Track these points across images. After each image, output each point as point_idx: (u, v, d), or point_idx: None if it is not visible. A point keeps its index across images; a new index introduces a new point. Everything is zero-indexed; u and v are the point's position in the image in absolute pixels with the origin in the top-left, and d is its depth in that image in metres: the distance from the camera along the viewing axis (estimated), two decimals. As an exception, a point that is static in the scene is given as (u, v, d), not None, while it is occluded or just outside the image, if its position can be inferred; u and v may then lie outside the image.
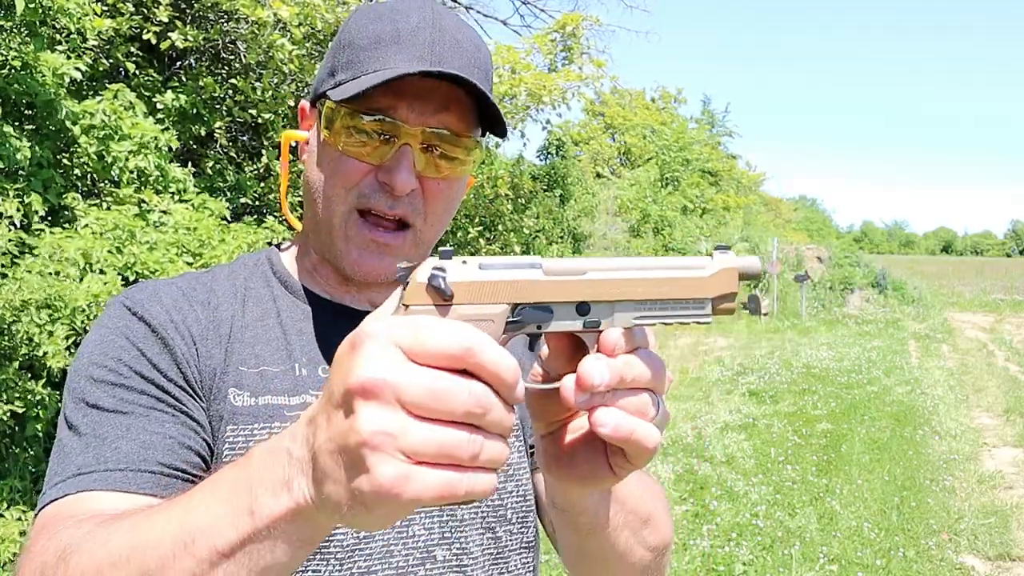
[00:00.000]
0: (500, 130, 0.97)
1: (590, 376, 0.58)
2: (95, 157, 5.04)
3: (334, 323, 0.97)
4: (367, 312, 0.95)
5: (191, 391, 0.89)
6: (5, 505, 4.19)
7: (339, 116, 0.91)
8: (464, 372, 0.52)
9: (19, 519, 4.15)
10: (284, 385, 0.92)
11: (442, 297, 0.57)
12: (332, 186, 0.93)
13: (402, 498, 0.50)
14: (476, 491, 0.52)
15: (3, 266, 4.12)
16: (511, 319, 0.59)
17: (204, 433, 0.88)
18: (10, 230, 4.34)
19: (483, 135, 0.99)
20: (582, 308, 0.61)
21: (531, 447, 1.07)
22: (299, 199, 6.70)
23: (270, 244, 5.96)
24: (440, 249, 0.59)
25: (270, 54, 6.21)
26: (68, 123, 4.86)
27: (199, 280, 0.99)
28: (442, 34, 0.91)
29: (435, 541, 0.94)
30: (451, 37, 0.92)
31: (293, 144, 1.06)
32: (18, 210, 4.38)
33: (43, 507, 0.80)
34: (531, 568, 1.04)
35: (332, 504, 0.53)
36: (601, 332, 0.61)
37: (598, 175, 22.63)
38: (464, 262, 0.59)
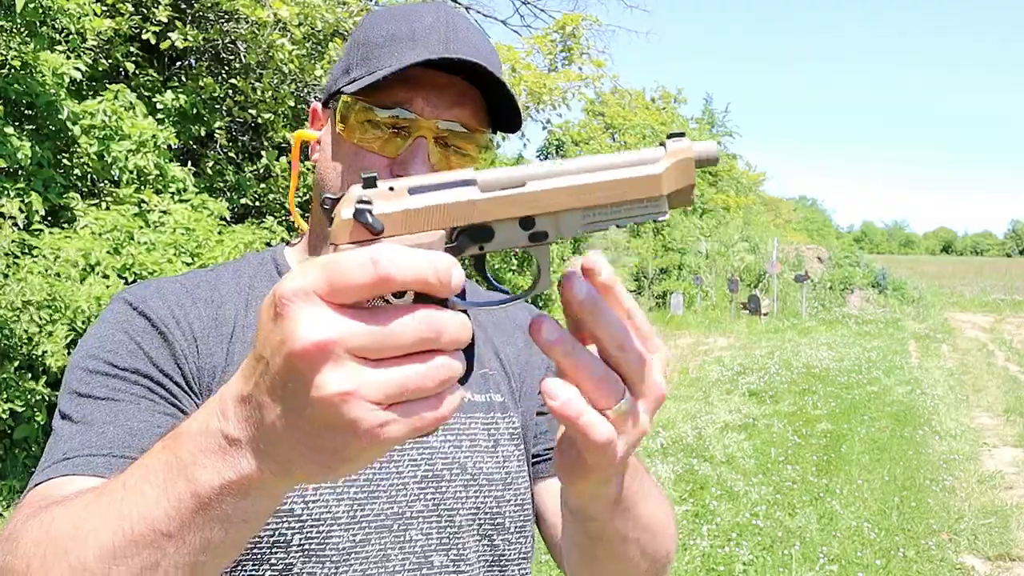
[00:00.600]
0: (512, 126, 0.97)
1: (573, 289, 0.55)
2: (95, 157, 5.04)
3: None
4: None
5: (186, 387, 0.89)
6: (5, 505, 4.18)
7: (354, 110, 0.92)
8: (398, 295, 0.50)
9: (19, 519, 4.15)
10: None
11: (371, 232, 0.52)
12: (348, 180, 0.93)
13: (383, 444, 0.49)
14: (447, 415, 0.51)
15: (6, 266, 4.12)
16: (449, 243, 0.55)
17: None
18: (13, 230, 4.34)
19: (494, 132, 0.99)
20: (526, 222, 0.56)
21: (535, 456, 1.07)
22: (303, 199, 6.71)
23: (268, 244, 5.98)
24: (363, 175, 0.53)
25: (270, 54, 6.21)
26: (68, 123, 4.87)
27: (203, 278, 0.99)
28: (456, 34, 0.93)
29: (432, 547, 0.94)
30: (464, 37, 0.93)
31: (302, 145, 1.06)
32: (20, 211, 4.39)
33: (30, 489, 0.80)
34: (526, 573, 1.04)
35: (303, 473, 0.52)
36: (548, 243, 0.57)
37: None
38: (391, 188, 0.53)
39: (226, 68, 6.77)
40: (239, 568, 0.88)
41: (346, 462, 0.51)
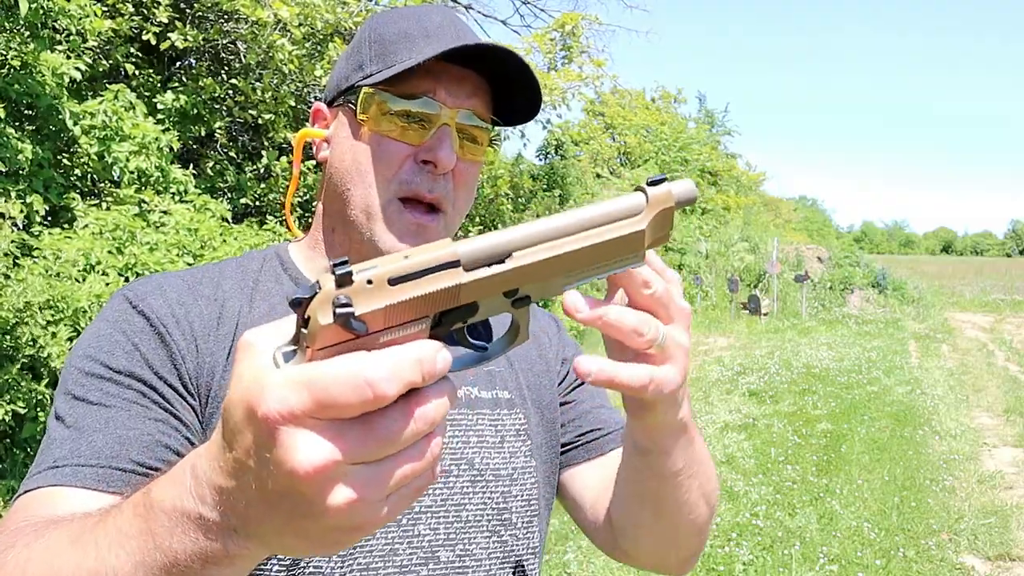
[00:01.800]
0: (523, 116, 1.01)
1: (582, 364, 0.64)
2: (95, 157, 5.04)
3: None
4: None
5: (184, 390, 0.88)
6: (3, 504, 4.19)
7: (375, 102, 0.94)
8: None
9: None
10: None
11: (355, 335, 0.49)
12: (375, 173, 0.95)
13: (381, 525, 0.51)
14: (436, 477, 0.53)
15: (6, 267, 4.12)
16: (434, 326, 0.53)
17: (188, 432, 0.86)
18: (13, 231, 4.34)
19: (504, 126, 1.04)
20: (510, 291, 0.55)
21: (564, 445, 1.11)
22: (302, 198, 6.70)
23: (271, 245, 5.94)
24: (336, 269, 0.49)
25: (270, 54, 6.21)
26: (69, 123, 4.87)
27: (206, 274, 0.98)
28: (466, 32, 0.97)
29: (440, 542, 0.95)
30: (473, 35, 0.98)
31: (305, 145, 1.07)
32: (21, 211, 4.39)
33: (19, 496, 0.80)
34: (534, 568, 1.05)
35: (290, 551, 0.53)
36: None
37: (598, 175, 22.63)
38: (369, 281, 0.49)
39: (226, 68, 6.78)
40: None
41: (343, 546, 0.52)
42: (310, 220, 1.43)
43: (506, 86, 0.98)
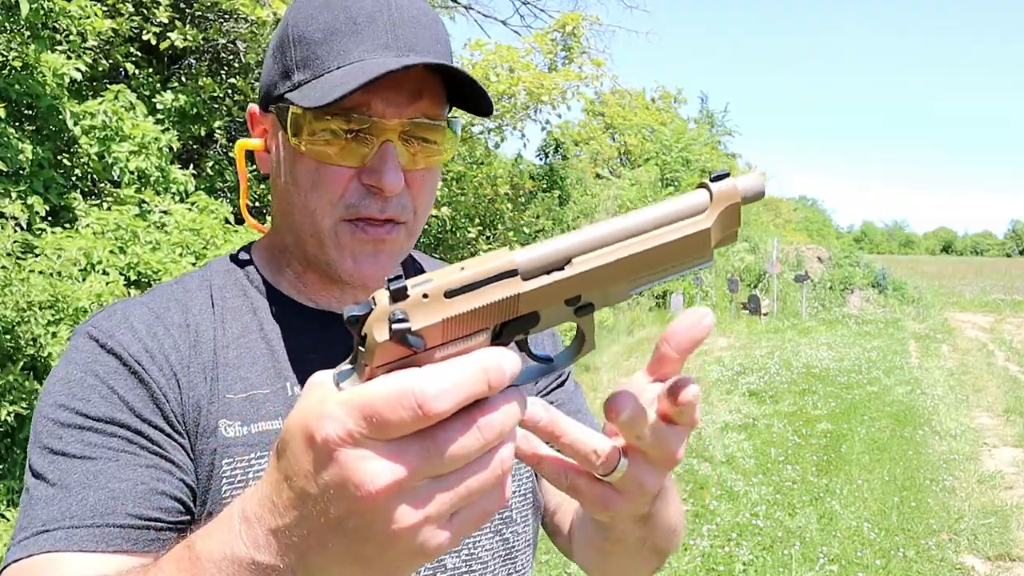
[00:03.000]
0: (480, 106, 0.88)
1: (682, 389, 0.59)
2: (96, 157, 5.04)
3: (320, 332, 0.91)
4: None
5: (170, 429, 0.82)
6: (5, 505, 4.19)
7: (307, 121, 0.83)
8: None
9: (20, 519, 4.15)
10: (275, 408, 0.86)
11: (413, 351, 0.48)
12: (316, 199, 0.85)
13: (450, 547, 0.51)
14: (508, 498, 0.53)
15: (5, 267, 4.12)
16: (496, 337, 0.51)
17: (181, 474, 0.81)
18: (16, 231, 4.35)
19: (449, 111, 0.92)
20: (572, 299, 0.53)
21: None
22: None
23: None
24: (391, 285, 0.48)
25: (270, 54, 6.21)
26: (69, 124, 4.87)
27: (171, 296, 0.90)
28: (400, 14, 0.84)
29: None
30: (409, 16, 0.85)
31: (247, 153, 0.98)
32: (22, 211, 4.39)
33: (7, 565, 0.74)
34: (530, 561, 1.05)
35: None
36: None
37: (598, 175, 22.63)
38: (425, 295, 0.48)
39: (225, 68, 6.78)
40: None
41: (405, 573, 0.50)
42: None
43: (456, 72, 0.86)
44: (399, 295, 0.47)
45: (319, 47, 0.83)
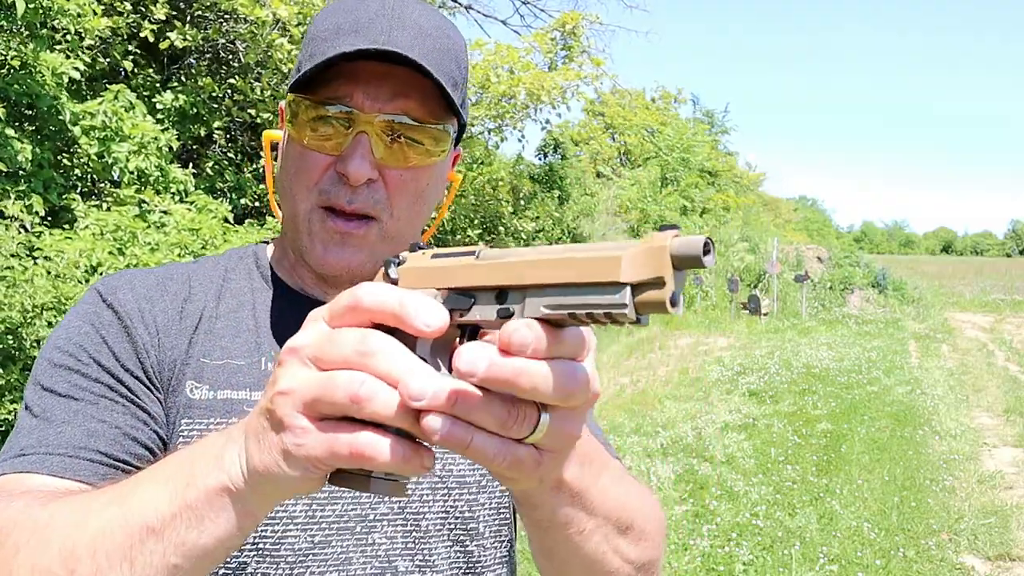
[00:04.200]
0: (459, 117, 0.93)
1: (460, 362, 0.49)
2: (95, 158, 5.04)
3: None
4: None
5: (149, 382, 0.88)
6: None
7: (301, 109, 0.88)
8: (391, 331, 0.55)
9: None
10: (247, 379, 0.91)
11: (390, 281, 0.61)
12: (297, 183, 0.91)
13: (301, 452, 0.55)
14: (363, 451, 0.53)
15: (12, 268, 4.12)
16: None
17: (155, 425, 0.87)
18: (19, 232, 4.35)
19: (462, 129, 0.96)
20: (501, 296, 0.55)
21: None
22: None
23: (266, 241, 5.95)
24: (412, 243, 0.62)
25: (269, 53, 6.21)
26: (69, 124, 4.87)
27: (180, 270, 0.98)
28: (401, 21, 0.87)
29: (397, 551, 0.91)
30: (413, 23, 0.88)
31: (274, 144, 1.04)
32: (21, 211, 4.39)
33: None
34: None
35: (256, 467, 0.58)
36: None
37: (598, 175, 22.64)
38: (423, 253, 0.61)
39: (225, 68, 6.77)
40: None
41: (285, 463, 0.56)
42: None
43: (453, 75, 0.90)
44: (413, 248, 0.63)
45: (323, 43, 0.88)
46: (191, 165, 6.00)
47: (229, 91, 6.62)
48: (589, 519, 0.71)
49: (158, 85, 6.27)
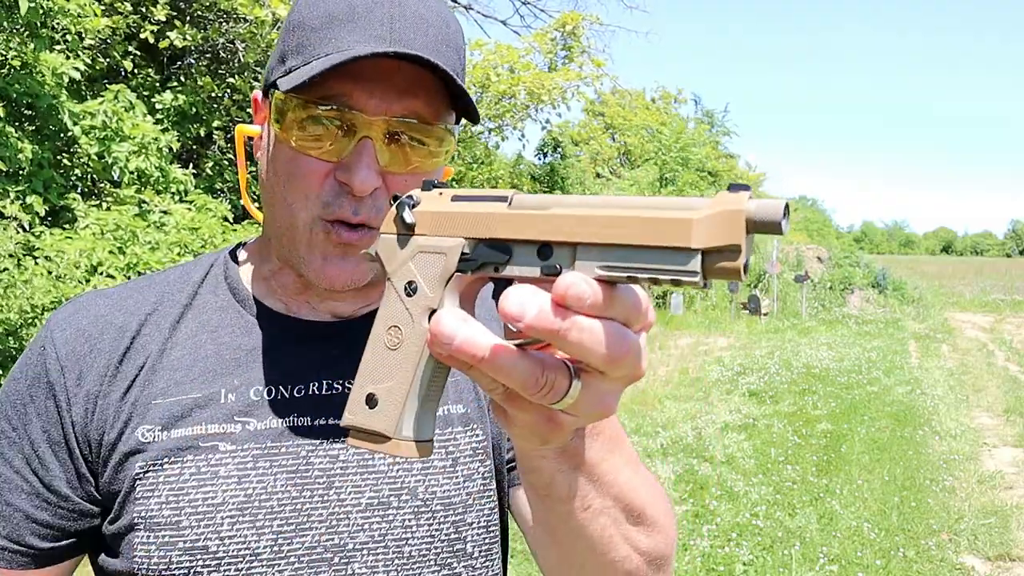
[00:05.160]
0: (472, 115, 0.84)
1: (506, 303, 0.46)
2: (95, 157, 5.04)
3: (281, 339, 0.89)
4: (322, 324, 0.90)
5: (64, 444, 0.85)
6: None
7: (290, 108, 0.80)
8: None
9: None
10: (202, 413, 0.85)
11: (404, 225, 0.56)
12: (292, 191, 0.82)
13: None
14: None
15: (7, 270, 4.12)
16: (466, 256, 0.53)
17: (65, 504, 0.85)
18: (18, 232, 4.35)
19: (457, 121, 0.87)
20: (544, 251, 0.51)
21: (510, 461, 0.97)
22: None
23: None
24: (425, 180, 0.58)
25: (268, 53, 6.20)
26: (69, 124, 4.87)
27: (140, 291, 0.91)
28: (402, 9, 0.80)
29: None
30: (413, 12, 0.80)
31: (248, 139, 0.95)
32: (22, 211, 4.39)
33: None
34: None
35: None
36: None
37: (598, 175, 22.63)
38: (440, 193, 0.57)
39: (224, 67, 6.77)
40: None
41: None
42: None
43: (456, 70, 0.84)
44: (426, 187, 0.58)
45: (314, 33, 0.80)
46: (191, 165, 6.00)
47: (229, 91, 6.62)
48: (596, 496, 0.67)
49: (158, 85, 6.27)
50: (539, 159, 17.85)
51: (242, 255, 0.96)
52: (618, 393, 0.53)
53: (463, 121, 0.89)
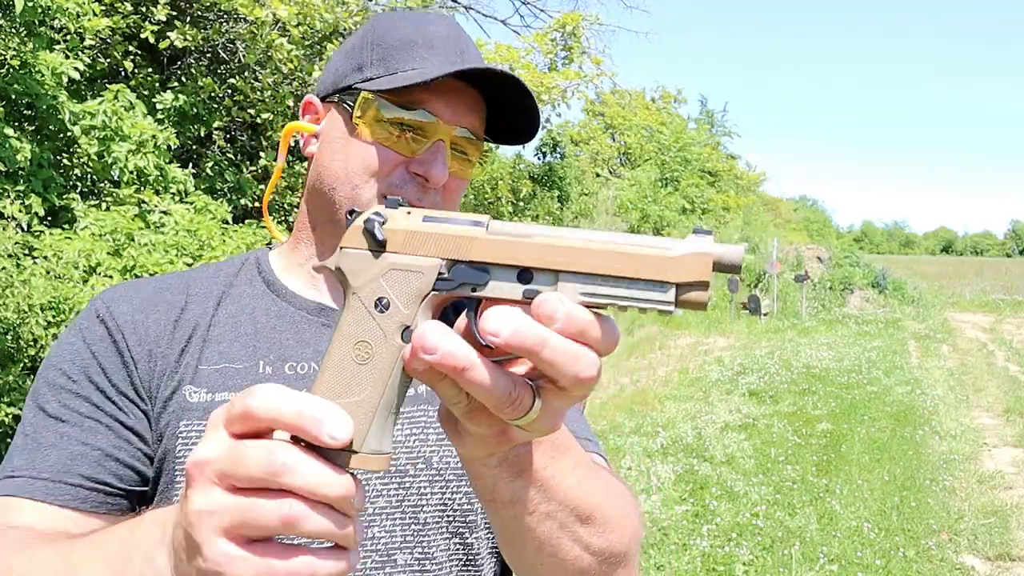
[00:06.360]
0: (516, 137, 1.02)
1: (486, 321, 0.50)
2: (95, 157, 5.04)
3: (310, 321, 1.00)
4: None
5: (136, 395, 0.92)
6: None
7: (373, 107, 0.94)
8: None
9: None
10: (244, 381, 0.93)
11: (374, 242, 0.56)
12: (358, 173, 0.95)
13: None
14: (301, 572, 0.52)
15: (5, 268, 4.11)
16: (443, 276, 0.56)
17: (141, 443, 0.91)
18: (17, 232, 4.34)
19: (495, 144, 1.05)
20: (524, 275, 0.55)
21: None
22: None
23: (269, 245, 5.95)
24: (388, 197, 0.58)
25: (268, 53, 6.21)
26: (68, 124, 4.86)
27: (178, 279, 1.02)
28: (468, 45, 0.98)
29: (396, 544, 0.92)
30: (474, 49, 0.99)
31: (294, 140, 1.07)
32: (21, 211, 4.39)
33: None
34: (500, 573, 1.02)
35: None
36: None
37: (597, 175, 22.62)
38: (409, 212, 0.57)
39: (225, 68, 6.77)
40: None
41: None
42: (291, 221, 1.46)
43: (500, 105, 0.99)
44: (391, 205, 0.57)
45: (396, 51, 0.96)
46: (191, 165, 5.99)
47: (229, 91, 6.62)
48: (541, 501, 0.70)
49: (158, 85, 6.26)
50: (538, 159, 17.84)
51: (274, 254, 1.07)
52: (567, 410, 0.57)
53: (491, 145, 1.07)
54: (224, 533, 0.51)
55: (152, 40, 5.89)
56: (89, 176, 5.30)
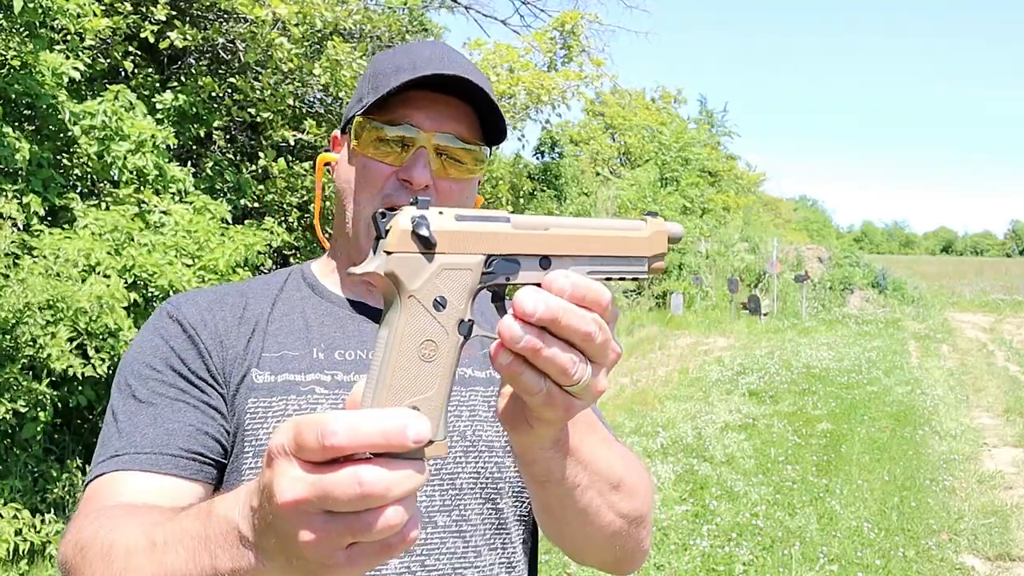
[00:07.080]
0: (500, 138, 1.13)
1: (523, 303, 0.59)
2: (95, 157, 5.03)
3: (352, 316, 1.14)
4: (380, 309, 1.09)
5: (213, 380, 1.04)
6: (2, 503, 4.18)
7: (365, 129, 1.07)
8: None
9: (15, 517, 4.14)
10: (301, 365, 1.06)
11: (426, 245, 0.60)
12: (361, 191, 1.08)
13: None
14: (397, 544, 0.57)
15: (7, 267, 4.11)
16: (484, 270, 0.62)
17: (222, 419, 1.03)
18: (13, 231, 4.34)
19: (488, 147, 1.14)
20: (544, 262, 0.65)
21: None
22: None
23: (269, 245, 5.97)
24: (419, 199, 0.61)
25: (269, 53, 6.20)
26: (68, 123, 4.86)
27: (236, 288, 1.17)
28: (452, 64, 1.06)
29: (436, 507, 1.03)
30: (460, 65, 1.07)
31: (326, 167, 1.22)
32: (19, 211, 4.38)
33: (88, 483, 0.98)
34: (527, 539, 1.13)
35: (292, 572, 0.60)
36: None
37: (597, 174, 22.60)
38: (440, 212, 0.61)
39: (224, 67, 6.77)
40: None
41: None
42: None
43: (490, 109, 1.09)
44: (422, 205, 0.61)
45: (384, 78, 1.07)
46: (190, 165, 5.99)
47: (229, 91, 6.61)
48: (583, 474, 0.83)
49: (158, 85, 6.26)
50: (537, 158, 17.85)
51: (315, 264, 1.22)
52: (605, 377, 0.68)
53: (489, 149, 1.14)
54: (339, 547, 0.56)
55: (152, 40, 5.88)
56: (89, 176, 5.30)
